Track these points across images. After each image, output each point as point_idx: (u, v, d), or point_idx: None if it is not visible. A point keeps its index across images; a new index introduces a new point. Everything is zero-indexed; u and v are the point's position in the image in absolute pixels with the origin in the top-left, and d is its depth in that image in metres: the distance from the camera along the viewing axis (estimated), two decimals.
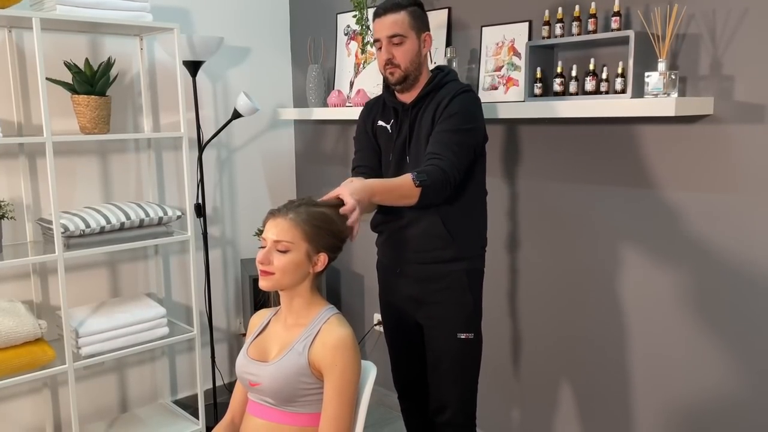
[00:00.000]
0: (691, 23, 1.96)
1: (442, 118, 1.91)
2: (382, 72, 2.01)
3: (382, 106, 2.12)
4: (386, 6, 1.95)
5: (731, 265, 1.97)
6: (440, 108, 1.93)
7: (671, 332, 2.12)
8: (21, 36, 2.53)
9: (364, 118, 2.15)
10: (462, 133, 1.88)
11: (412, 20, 1.95)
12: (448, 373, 2.00)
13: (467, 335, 1.98)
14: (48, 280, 2.67)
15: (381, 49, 1.97)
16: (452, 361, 1.99)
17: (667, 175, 2.07)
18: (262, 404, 1.52)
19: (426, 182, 1.74)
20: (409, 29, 1.95)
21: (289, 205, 1.52)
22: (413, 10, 1.96)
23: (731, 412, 2.02)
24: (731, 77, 1.90)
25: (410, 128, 2.00)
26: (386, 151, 2.06)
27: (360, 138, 2.15)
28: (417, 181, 1.73)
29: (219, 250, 3.23)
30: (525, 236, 2.49)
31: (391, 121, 2.06)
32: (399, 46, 1.94)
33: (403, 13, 1.94)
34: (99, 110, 2.48)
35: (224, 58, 3.12)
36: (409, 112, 2.00)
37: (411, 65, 1.96)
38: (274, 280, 1.48)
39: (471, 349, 2.01)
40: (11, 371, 2.28)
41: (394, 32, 1.93)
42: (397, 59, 1.95)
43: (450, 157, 1.82)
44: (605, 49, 2.15)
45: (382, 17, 1.95)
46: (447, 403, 2.02)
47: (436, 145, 1.87)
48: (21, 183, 2.57)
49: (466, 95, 1.95)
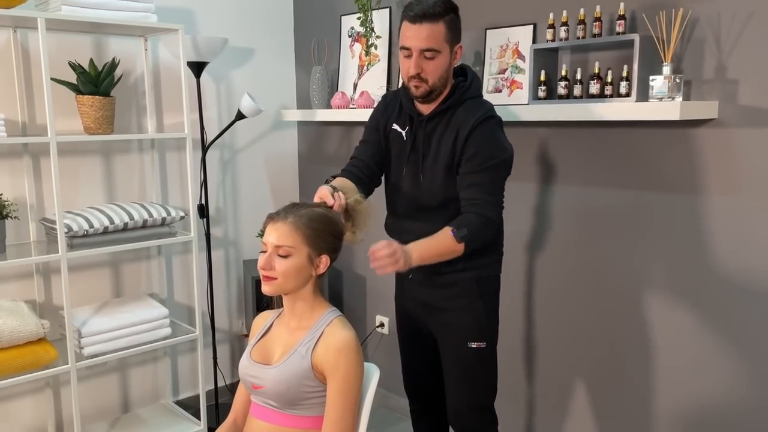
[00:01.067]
0: (696, 27, 1.95)
1: (465, 158, 1.79)
2: (405, 82, 1.85)
3: (398, 108, 1.97)
4: (424, 12, 1.74)
5: (736, 269, 1.96)
6: (460, 138, 1.80)
7: (683, 336, 2.12)
8: (26, 36, 2.53)
9: (379, 114, 2.02)
10: (491, 170, 1.79)
11: (448, 32, 1.78)
12: (461, 382, 1.95)
13: (479, 344, 1.90)
14: (51, 280, 2.67)
15: (409, 58, 1.80)
16: (464, 370, 1.94)
17: (671, 179, 2.07)
18: (265, 407, 1.52)
19: (467, 236, 1.70)
20: (444, 43, 1.78)
21: (288, 208, 1.51)
22: (451, 18, 1.78)
23: (751, 417, 2.01)
24: (736, 81, 1.90)
25: (425, 143, 1.89)
26: (399, 158, 1.96)
27: (370, 131, 2.03)
28: (458, 237, 1.69)
29: (222, 250, 3.23)
30: (529, 240, 2.49)
31: (406, 127, 1.94)
32: (431, 60, 1.77)
33: (441, 23, 1.75)
34: (103, 110, 2.48)
35: (228, 59, 3.12)
36: (424, 124, 1.89)
37: (439, 81, 1.81)
38: (277, 285, 1.48)
39: (483, 359, 1.93)
40: (14, 371, 2.28)
41: (429, 46, 1.75)
42: (426, 73, 1.79)
43: (485, 199, 1.76)
44: (610, 53, 2.14)
45: (418, 25, 1.75)
46: (461, 411, 1.98)
47: (468, 189, 1.78)
48: (25, 183, 2.57)
49: (486, 125, 1.81)
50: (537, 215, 2.45)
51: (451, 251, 1.71)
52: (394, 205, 2.02)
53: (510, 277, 2.57)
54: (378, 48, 2.86)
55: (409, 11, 1.77)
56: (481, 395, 1.98)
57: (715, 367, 2.04)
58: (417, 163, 1.90)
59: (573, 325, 2.39)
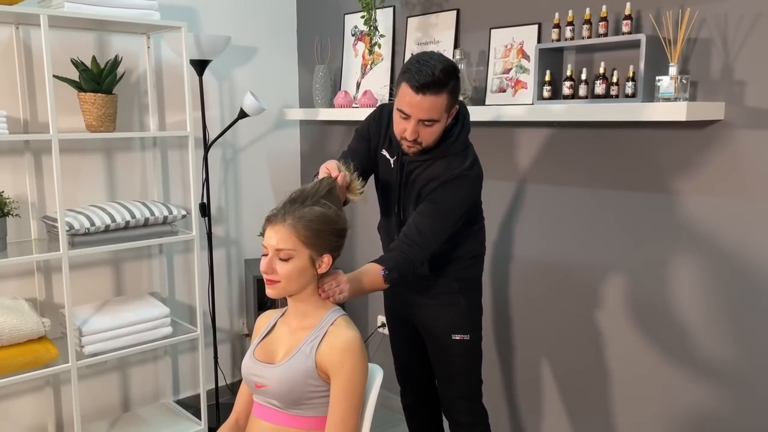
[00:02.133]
0: (703, 28, 1.94)
1: (428, 199, 1.82)
2: (397, 139, 1.82)
3: (387, 132, 1.95)
4: (428, 83, 1.68)
5: (740, 271, 1.95)
6: (430, 184, 1.83)
7: (675, 337, 2.11)
8: (28, 33, 2.52)
9: (372, 129, 1.98)
10: (443, 222, 1.81)
11: (449, 101, 1.74)
12: (449, 374, 2.02)
13: (462, 336, 1.98)
14: (52, 278, 2.66)
15: (405, 120, 1.76)
16: (451, 362, 2.01)
17: (676, 180, 2.06)
18: (267, 406, 1.51)
19: (396, 279, 1.73)
20: (444, 111, 1.75)
21: (286, 208, 1.47)
22: (453, 86, 1.73)
23: (731, 420, 2.00)
24: (743, 82, 1.88)
25: (405, 183, 1.90)
26: (386, 185, 1.97)
27: (360, 142, 2.00)
28: (387, 279, 1.72)
29: (223, 250, 3.22)
30: (530, 240, 2.48)
31: (394, 156, 1.93)
32: (428, 128, 1.75)
33: (444, 93, 1.71)
34: (105, 108, 2.47)
35: (231, 57, 3.11)
36: (406, 165, 1.89)
37: (433, 142, 1.80)
38: (281, 288, 1.47)
39: (468, 350, 2.00)
40: (14, 369, 2.27)
41: (430, 117, 1.73)
42: (422, 138, 1.77)
43: (420, 244, 1.77)
44: (615, 53, 2.13)
45: (421, 96, 1.69)
46: (453, 403, 2.05)
47: (412, 227, 1.79)
48: (26, 180, 2.56)
49: (458, 181, 1.81)
50: (541, 216, 2.44)
51: (381, 287, 1.75)
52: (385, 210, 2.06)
53: (509, 278, 2.56)
54: (381, 47, 2.84)
55: (412, 79, 1.70)
56: (468, 386, 2.04)
57: (705, 365, 2.02)
58: (398, 197, 1.94)
59: (575, 325, 2.38)
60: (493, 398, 2.70)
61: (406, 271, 1.78)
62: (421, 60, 1.71)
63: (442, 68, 1.69)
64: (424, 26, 2.74)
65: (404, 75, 1.73)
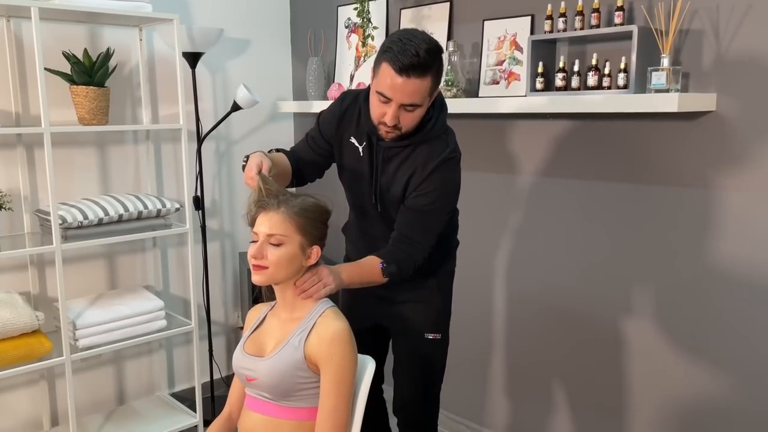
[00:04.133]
0: (695, 19, 1.94)
1: (418, 191, 1.73)
2: (374, 124, 1.71)
3: (357, 120, 1.82)
4: (413, 64, 1.56)
5: (733, 263, 1.96)
6: (417, 176, 1.73)
7: (668, 331, 2.12)
8: (19, 25, 2.51)
9: (334, 122, 1.85)
10: (434, 213, 1.75)
11: (433, 83, 1.63)
12: (413, 373, 1.95)
13: (434, 335, 1.92)
14: (45, 272, 2.66)
15: (385, 104, 1.64)
16: (418, 361, 1.94)
17: (668, 171, 2.06)
18: (259, 399, 1.51)
19: (395, 274, 1.69)
20: (427, 95, 1.64)
21: (279, 197, 1.49)
22: (437, 67, 1.62)
23: (727, 410, 2.02)
24: (734, 73, 1.89)
25: (381, 170, 1.79)
26: (355, 175, 1.85)
27: (315, 137, 1.89)
28: (386, 272, 1.68)
29: (217, 243, 3.22)
30: (524, 232, 2.48)
31: (363, 143, 1.81)
32: (409, 113, 1.65)
33: (429, 76, 1.60)
34: (97, 101, 2.46)
35: (224, 49, 3.10)
36: (383, 151, 1.78)
37: (413, 128, 1.70)
38: (268, 275, 1.47)
39: (437, 350, 1.95)
40: (8, 363, 2.27)
41: (413, 101, 1.62)
42: (402, 123, 1.66)
43: (421, 242, 1.74)
44: (608, 44, 2.13)
45: (405, 78, 1.57)
46: (409, 403, 1.98)
47: (407, 224, 1.74)
48: (19, 174, 2.56)
49: (445, 166, 1.73)
50: (533, 208, 2.44)
51: (375, 281, 1.69)
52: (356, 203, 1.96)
53: (503, 269, 2.57)
54: (375, 39, 2.84)
55: (395, 59, 1.57)
56: (434, 384, 1.99)
57: (699, 357, 2.03)
58: (372, 187, 1.83)
59: (571, 318, 2.39)
60: (493, 396, 2.71)
61: (406, 270, 1.72)
62: (403, 38, 1.58)
63: (426, 48, 1.57)
64: (417, 18, 2.73)
65: (385, 54, 1.59)
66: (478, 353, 2.71)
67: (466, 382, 2.77)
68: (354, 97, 1.85)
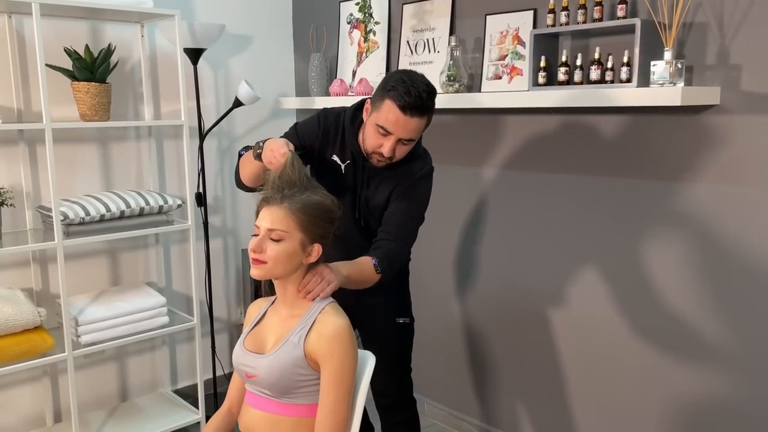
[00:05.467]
0: (699, 11, 1.92)
1: (406, 194, 1.88)
2: (368, 152, 1.83)
3: (340, 139, 1.93)
4: (416, 105, 1.73)
5: (735, 258, 1.94)
6: (399, 188, 1.88)
7: (670, 323, 2.10)
8: (21, 22, 2.51)
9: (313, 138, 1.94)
10: (417, 220, 1.92)
11: (428, 122, 1.81)
12: (388, 358, 1.99)
13: (404, 319, 2.10)
14: (48, 268, 2.66)
15: (384, 137, 1.77)
16: (392, 346, 2.09)
17: (671, 165, 2.05)
18: (259, 395, 1.50)
19: (386, 269, 1.77)
20: (422, 132, 1.83)
21: (283, 192, 1.47)
22: (433, 107, 1.80)
23: (730, 406, 2.00)
24: (738, 67, 1.87)
25: (364, 185, 1.92)
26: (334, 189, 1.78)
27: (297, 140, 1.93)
28: (379, 268, 1.75)
29: (220, 239, 3.22)
30: (527, 228, 2.47)
31: (347, 161, 1.92)
32: (405, 146, 1.81)
33: (427, 116, 1.78)
34: (99, 97, 2.46)
35: (226, 46, 3.10)
36: (367, 171, 1.91)
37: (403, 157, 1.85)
38: (266, 269, 1.46)
39: (408, 333, 2.13)
40: (10, 359, 2.28)
41: (411, 137, 1.78)
42: (396, 155, 1.81)
43: (404, 239, 1.87)
44: (611, 38, 2.12)
45: (408, 117, 1.73)
46: (388, 387, 2.13)
47: (392, 226, 1.85)
48: (21, 170, 2.56)
49: (425, 180, 1.92)
50: (535, 204, 2.43)
51: (370, 280, 1.75)
52: None
53: (502, 263, 2.56)
54: (377, 34, 2.83)
55: (400, 98, 1.72)
56: (404, 369, 2.16)
57: (706, 352, 2.02)
58: (354, 199, 1.95)
59: (571, 312, 2.37)
60: (494, 393, 2.70)
61: (395, 265, 1.82)
62: (406, 80, 1.74)
63: (428, 92, 1.75)
64: (420, 13, 2.72)
65: (390, 93, 1.74)
66: (467, 344, 2.71)
67: (452, 371, 2.77)
68: (336, 116, 1.96)
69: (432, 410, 2.93)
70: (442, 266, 2.80)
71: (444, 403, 2.90)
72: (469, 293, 2.71)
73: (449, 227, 2.75)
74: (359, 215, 1.96)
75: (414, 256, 2.11)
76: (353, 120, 1.91)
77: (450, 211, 2.74)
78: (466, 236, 2.71)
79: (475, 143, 2.60)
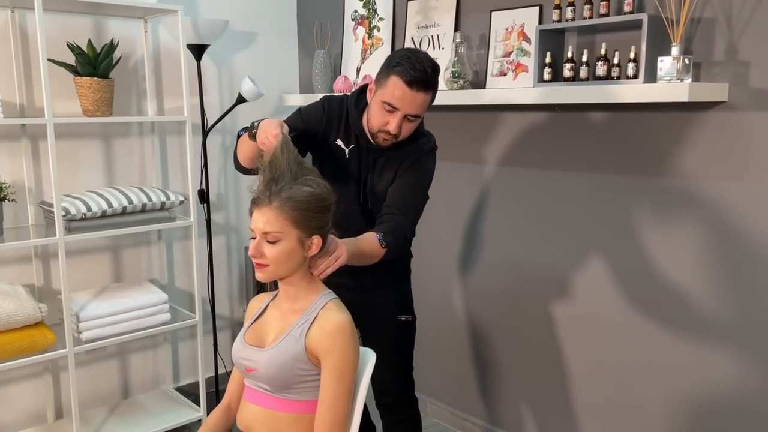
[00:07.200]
0: (707, 7, 1.90)
1: (411, 169, 1.87)
2: (373, 130, 1.82)
3: (344, 123, 1.92)
4: (422, 80, 1.72)
5: (744, 255, 1.92)
6: (403, 166, 1.87)
7: (678, 322, 2.08)
8: (24, 17, 2.50)
9: (317, 123, 1.91)
10: (422, 197, 1.90)
11: (433, 98, 1.80)
12: (390, 356, 1.99)
13: (406, 317, 2.06)
14: (49, 264, 2.65)
15: (390, 113, 1.76)
16: (393, 343, 2.05)
17: (679, 163, 2.02)
18: (257, 390, 1.49)
19: (391, 243, 1.74)
20: (427, 108, 1.81)
21: (271, 189, 1.42)
22: (437, 84, 1.79)
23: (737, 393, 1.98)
24: (747, 63, 1.84)
25: (370, 168, 1.90)
26: (339, 174, 1.92)
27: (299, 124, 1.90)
28: (384, 242, 1.73)
29: (223, 236, 3.20)
30: (529, 224, 2.45)
31: (351, 145, 1.91)
32: (411, 122, 1.80)
33: (432, 91, 1.77)
34: (101, 92, 2.45)
35: (229, 42, 3.08)
36: (373, 153, 1.89)
37: (409, 136, 1.84)
38: (270, 272, 1.44)
39: (409, 331, 2.09)
40: (11, 354, 2.27)
41: (418, 113, 1.78)
42: (402, 133, 1.80)
43: (408, 214, 1.84)
44: (617, 34, 2.09)
45: (414, 92, 1.73)
46: (389, 386, 2.09)
47: (396, 201, 1.83)
48: (23, 165, 2.55)
49: (429, 157, 1.91)
50: (541, 201, 2.41)
51: (375, 254, 1.73)
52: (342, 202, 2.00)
53: (508, 259, 2.54)
54: (381, 31, 2.81)
55: (406, 74, 1.72)
56: (406, 367, 2.12)
57: (714, 350, 2.00)
58: (359, 185, 1.93)
59: (577, 305, 2.35)
60: (497, 393, 2.68)
61: (400, 241, 1.79)
62: (411, 56, 1.74)
63: (432, 67, 1.75)
64: (424, 9, 2.70)
65: (395, 68, 1.73)
66: (474, 341, 2.69)
67: (457, 371, 2.75)
68: (339, 101, 1.95)
69: (435, 410, 2.91)
70: (445, 263, 2.78)
71: (447, 403, 2.88)
72: (472, 291, 2.69)
73: (453, 224, 2.74)
74: (364, 199, 1.93)
75: (416, 253, 2.09)
76: (357, 103, 1.91)
77: (454, 207, 2.72)
78: (469, 233, 2.69)
79: (480, 140, 2.58)
